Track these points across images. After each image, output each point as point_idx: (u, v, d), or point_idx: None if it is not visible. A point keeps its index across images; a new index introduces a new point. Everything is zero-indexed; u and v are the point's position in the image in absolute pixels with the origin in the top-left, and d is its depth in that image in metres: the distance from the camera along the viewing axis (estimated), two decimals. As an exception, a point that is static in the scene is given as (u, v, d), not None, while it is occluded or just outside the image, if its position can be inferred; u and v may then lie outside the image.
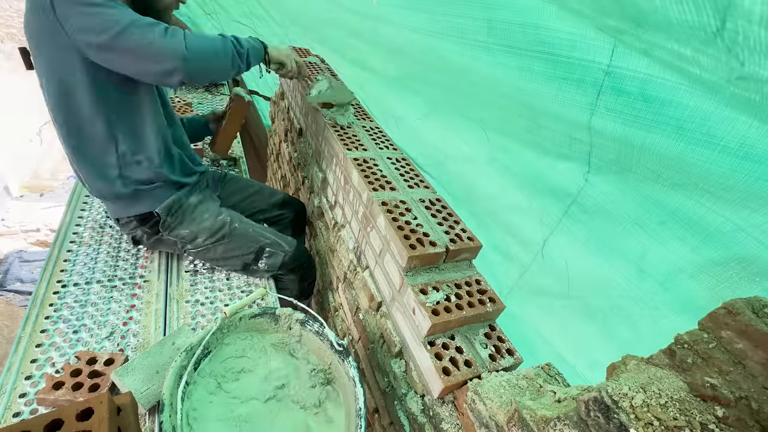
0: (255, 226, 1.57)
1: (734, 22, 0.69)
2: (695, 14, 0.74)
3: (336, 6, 2.00)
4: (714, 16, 0.71)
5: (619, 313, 1.24)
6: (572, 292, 1.36)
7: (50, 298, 1.31)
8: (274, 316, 1.13)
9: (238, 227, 1.51)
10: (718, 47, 0.74)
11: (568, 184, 1.26)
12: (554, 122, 1.20)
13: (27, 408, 1.02)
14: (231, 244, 1.51)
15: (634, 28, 0.88)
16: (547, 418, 0.66)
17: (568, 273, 1.35)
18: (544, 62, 1.10)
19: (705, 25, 0.73)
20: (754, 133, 0.80)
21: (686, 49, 0.80)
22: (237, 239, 1.51)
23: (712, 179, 0.92)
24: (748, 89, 0.75)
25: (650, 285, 1.14)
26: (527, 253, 1.48)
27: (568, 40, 1.02)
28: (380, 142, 1.64)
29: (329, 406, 1.08)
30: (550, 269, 1.41)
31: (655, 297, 1.14)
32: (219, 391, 1.03)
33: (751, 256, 0.92)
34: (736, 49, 0.71)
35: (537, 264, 1.46)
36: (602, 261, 1.25)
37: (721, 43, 0.73)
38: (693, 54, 0.79)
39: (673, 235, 1.06)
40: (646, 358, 0.62)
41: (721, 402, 0.51)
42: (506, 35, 1.15)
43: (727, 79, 0.76)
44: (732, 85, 0.76)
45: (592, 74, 1.01)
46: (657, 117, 0.94)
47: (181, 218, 1.44)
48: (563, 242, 1.34)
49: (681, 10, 0.75)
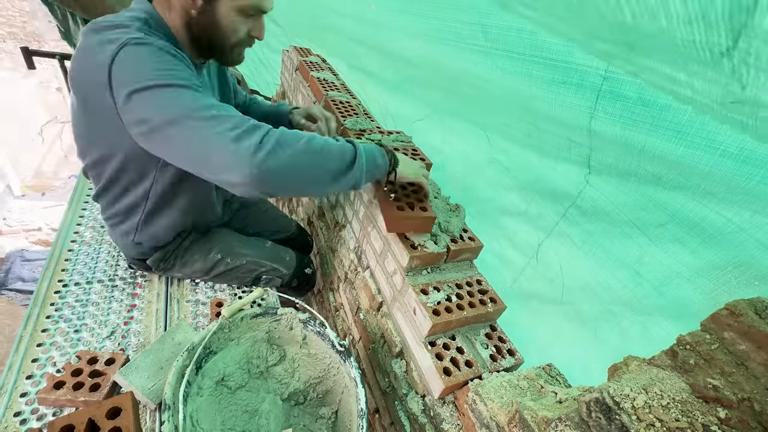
0: (251, 253, 1.49)
1: (748, 41, 0.69)
2: (704, 34, 0.74)
3: (334, 12, 2.01)
4: (727, 35, 0.71)
5: (611, 319, 1.24)
6: (565, 297, 1.36)
7: (51, 297, 1.32)
8: (276, 315, 1.13)
9: (231, 262, 1.46)
10: (722, 69, 0.74)
11: (568, 186, 1.26)
12: (554, 126, 1.20)
13: (28, 407, 1.02)
14: (226, 277, 1.49)
15: (626, 52, 0.88)
16: (548, 419, 0.66)
17: (563, 278, 1.35)
18: (542, 67, 1.10)
19: (714, 44, 0.73)
20: (752, 139, 0.80)
21: (680, 73, 0.81)
22: (231, 273, 1.48)
23: (713, 181, 0.92)
24: (743, 113, 0.75)
25: (645, 290, 1.14)
26: (522, 257, 1.48)
27: (565, 46, 1.02)
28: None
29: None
30: (544, 273, 1.42)
31: (649, 302, 1.14)
32: (222, 393, 1.03)
33: (750, 259, 0.92)
34: (742, 70, 0.71)
35: (531, 268, 1.46)
36: (598, 265, 1.25)
37: (728, 62, 0.73)
38: (687, 78, 0.80)
39: (672, 237, 1.06)
40: (648, 359, 0.61)
41: (724, 403, 0.50)
42: (503, 40, 1.15)
43: (721, 102, 0.77)
44: (725, 108, 0.77)
45: (591, 79, 1.01)
46: (656, 121, 0.94)
47: (173, 263, 1.42)
48: (559, 246, 1.34)
49: (689, 31, 0.75)
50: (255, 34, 1.09)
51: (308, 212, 2.07)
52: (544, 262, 1.40)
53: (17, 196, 5.53)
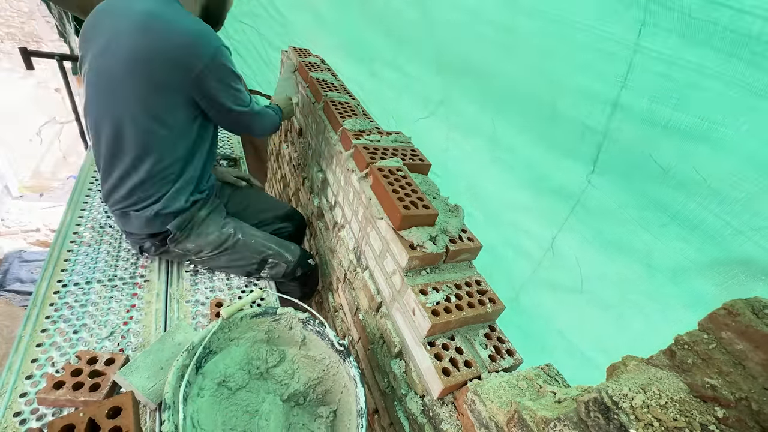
0: (259, 236, 1.59)
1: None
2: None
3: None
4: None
5: (632, 306, 1.25)
6: (585, 287, 1.37)
7: (51, 298, 1.31)
8: (275, 315, 1.14)
9: (242, 239, 1.53)
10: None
11: (571, 185, 1.27)
12: (573, 107, 1.20)
13: (27, 407, 1.02)
14: (234, 254, 1.53)
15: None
16: (547, 419, 0.67)
17: (580, 269, 1.36)
18: (573, 30, 1.09)
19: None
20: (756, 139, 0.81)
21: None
22: (240, 251, 1.53)
23: (712, 180, 0.92)
24: None
25: (659, 280, 1.15)
26: (539, 249, 1.49)
27: (594, 10, 1.01)
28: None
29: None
30: (561, 265, 1.42)
31: (665, 292, 1.15)
32: (223, 394, 1.03)
33: (752, 258, 0.92)
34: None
35: (548, 260, 1.47)
36: (610, 258, 1.26)
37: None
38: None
39: (676, 236, 1.07)
40: (646, 359, 0.62)
41: (721, 403, 0.51)
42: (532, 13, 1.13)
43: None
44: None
45: (621, 49, 1.00)
46: (680, 105, 0.93)
47: (189, 232, 1.46)
48: (571, 240, 1.35)
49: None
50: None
51: (307, 213, 2.07)
52: (560, 254, 1.42)
53: (15, 196, 5.51)
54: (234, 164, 2.40)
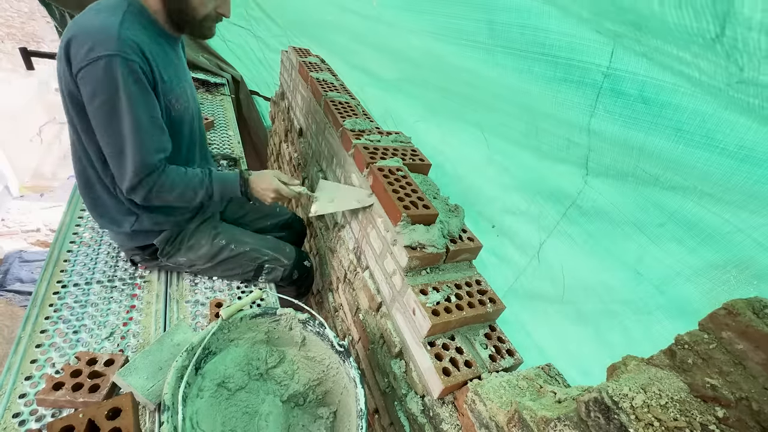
0: (253, 242, 1.55)
1: (733, 29, 0.70)
2: (694, 20, 0.74)
3: (335, 7, 2.00)
4: (713, 22, 0.72)
5: (613, 318, 1.24)
6: (566, 297, 1.36)
7: (50, 299, 1.31)
8: (275, 316, 1.13)
9: (235, 249, 1.49)
10: (717, 53, 0.74)
11: (567, 186, 1.26)
12: (553, 125, 1.20)
13: (27, 408, 1.02)
14: (229, 264, 1.51)
15: (633, 31, 0.88)
16: (548, 419, 0.66)
17: (564, 277, 1.35)
18: (544, 64, 1.10)
19: (704, 30, 0.73)
20: (753, 136, 0.80)
21: (686, 53, 0.80)
22: (235, 260, 1.51)
23: (711, 181, 0.92)
24: (748, 93, 0.75)
25: (646, 288, 1.14)
26: (523, 256, 1.48)
27: (567, 42, 1.02)
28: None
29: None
30: (545, 273, 1.41)
31: (650, 301, 1.14)
32: (222, 395, 1.03)
33: (748, 258, 0.92)
34: (735, 55, 0.72)
35: (532, 267, 1.46)
36: (599, 264, 1.25)
37: (720, 48, 0.73)
38: (693, 58, 0.79)
39: (671, 237, 1.06)
40: (647, 359, 0.62)
41: (722, 403, 0.51)
42: (506, 37, 1.15)
43: (727, 83, 0.76)
44: (732, 89, 0.76)
45: (592, 76, 1.01)
46: (656, 119, 0.94)
47: (179, 246, 1.44)
48: (560, 245, 1.34)
49: (680, 15, 0.76)
50: (221, 11, 1.21)
51: (307, 213, 2.07)
52: (545, 262, 1.41)
53: (15, 196, 5.50)
54: (234, 164, 2.40)
